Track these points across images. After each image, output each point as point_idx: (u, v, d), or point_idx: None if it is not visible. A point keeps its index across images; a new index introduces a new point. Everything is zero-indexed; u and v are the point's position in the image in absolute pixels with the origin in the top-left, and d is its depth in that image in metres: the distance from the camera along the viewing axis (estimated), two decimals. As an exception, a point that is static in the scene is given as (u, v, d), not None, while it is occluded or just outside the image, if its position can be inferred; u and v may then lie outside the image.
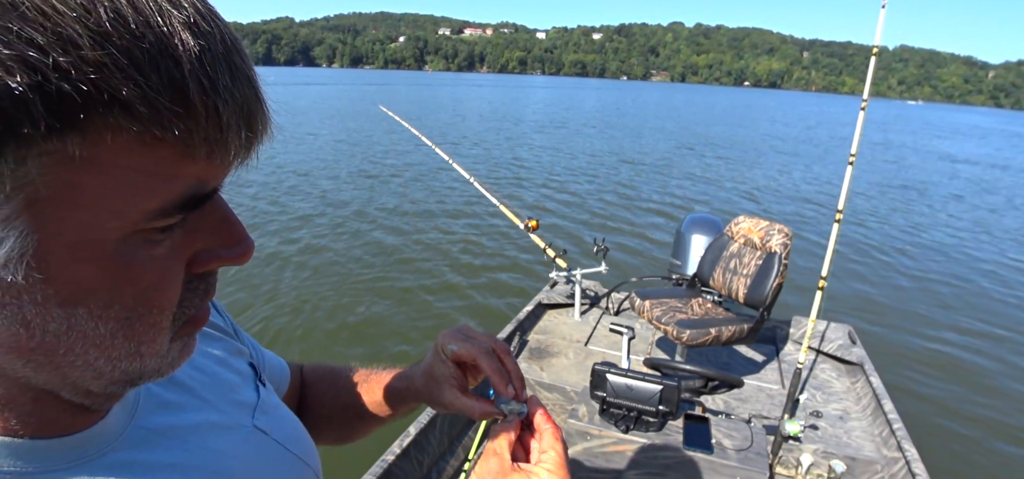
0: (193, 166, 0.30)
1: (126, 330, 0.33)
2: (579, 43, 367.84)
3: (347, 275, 6.26)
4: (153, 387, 0.46)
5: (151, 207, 0.30)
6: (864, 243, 8.56)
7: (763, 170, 15.35)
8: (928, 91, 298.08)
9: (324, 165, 12.89)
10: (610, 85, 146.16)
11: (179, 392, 0.48)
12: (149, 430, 0.43)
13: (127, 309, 0.32)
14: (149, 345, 0.35)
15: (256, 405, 0.55)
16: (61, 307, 0.30)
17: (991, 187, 15.09)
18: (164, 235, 0.32)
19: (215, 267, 0.37)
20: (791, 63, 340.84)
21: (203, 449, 0.46)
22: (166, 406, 0.46)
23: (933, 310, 6.16)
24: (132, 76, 0.26)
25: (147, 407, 0.44)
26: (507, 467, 0.52)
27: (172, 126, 0.28)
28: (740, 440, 1.90)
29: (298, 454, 0.57)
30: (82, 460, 0.37)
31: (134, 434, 0.42)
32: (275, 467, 0.53)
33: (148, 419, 0.44)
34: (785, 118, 41.61)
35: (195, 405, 0.49)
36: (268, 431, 0.54)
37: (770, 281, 2.92)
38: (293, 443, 0.57)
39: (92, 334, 0.32)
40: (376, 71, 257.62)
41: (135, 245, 0.31)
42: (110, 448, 0.39)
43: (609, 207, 10.11)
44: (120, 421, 0.41)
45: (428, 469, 2.55)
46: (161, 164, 0.29)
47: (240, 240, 0.37)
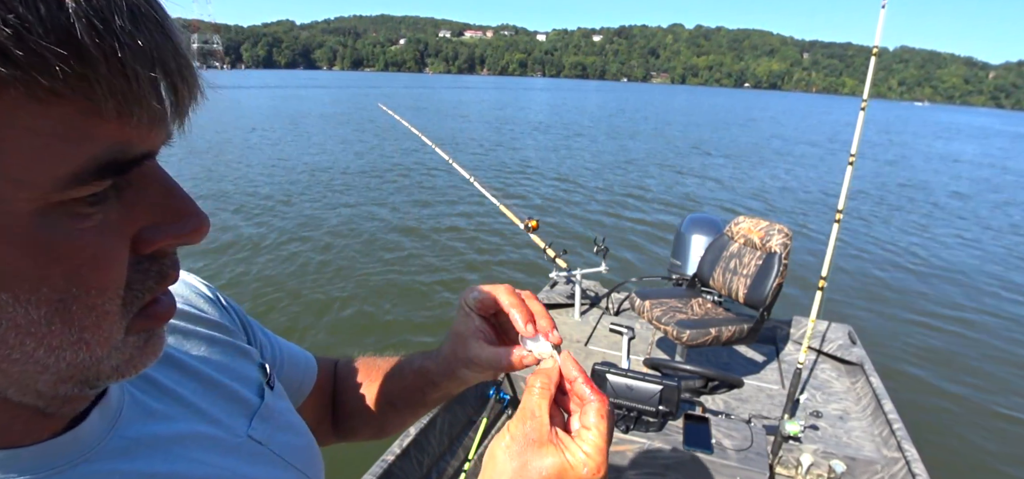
0: (106, 126, 0.27)
1: (62, 315, 0.30)
2: (579, 45, 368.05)
3: (345, 274, 6.28)
4: (138, 395, 0.44)
5: (61, 173, 0.27)
6: (864, 243, 8.56)
7: (763, 170, 15.35)
8: (928, 92, 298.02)
9: (323, 165, 12.90)
10: (610, 87, 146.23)
11: (167, 401, 0.46)
12: (131, 439, 0.41)
13: (59, 291, 0.29)
14: (94, 332, 0.31)
15: (256, 412, 0.53)
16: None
17: (993, 187, 15.08)
18: (93, 208, 0.29)
19: (162, 246, 0.33)
20: (791, 64, 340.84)
21: (187, 460, 0.44)
22: (152, 415, 0.44)
23: (933, 310, 6.16)
24: (15, 20, 0.23)
25: (130, 416, 0.42)
26: (545, 434, 0.46)
27: (64, 76, 0.25)
28: (740, 440, 1.89)
29: (297, 465, 0.55)
30: (52, 470, 0.35)
31: (114, 443, 0.40)
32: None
33: (130, 428, 0.41)
34: (785, 119, 41.59)
35: (183, 414, 0.46)
36: (265, 441, 0.52)
37: (770, 281, 2.92)
38: (292, 454, 0.55)
39: (24, 321, 0.29)
40: (377, 73, 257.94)
41: (57, 219, 0.28)
42: (84, 458, 0.37)
43: (609, 207, 10.11)
44: (99, 430, 0.39)
45: (428, 469, 2.55)
46: (65, 124, 0.26)
47: (186, 214, 0.34)
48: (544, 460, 0.45)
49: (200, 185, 10.39)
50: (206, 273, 6.04)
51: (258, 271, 6.24)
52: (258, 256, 6.70)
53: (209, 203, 9.00)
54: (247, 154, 14.35)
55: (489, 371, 0.59)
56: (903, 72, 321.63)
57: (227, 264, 6.42)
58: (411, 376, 0.69)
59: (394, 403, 0.72)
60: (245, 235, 7.45)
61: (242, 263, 6.47)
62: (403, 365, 0.71)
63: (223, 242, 7.07)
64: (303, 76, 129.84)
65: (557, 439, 0.46)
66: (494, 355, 0.56)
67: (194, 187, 10.18)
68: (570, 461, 0.45)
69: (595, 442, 0.45)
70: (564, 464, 0.44)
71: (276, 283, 5.95)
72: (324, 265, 6.53)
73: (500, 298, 0.57)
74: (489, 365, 0.57)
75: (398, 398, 0.71)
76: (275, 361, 0.66)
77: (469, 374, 0.61)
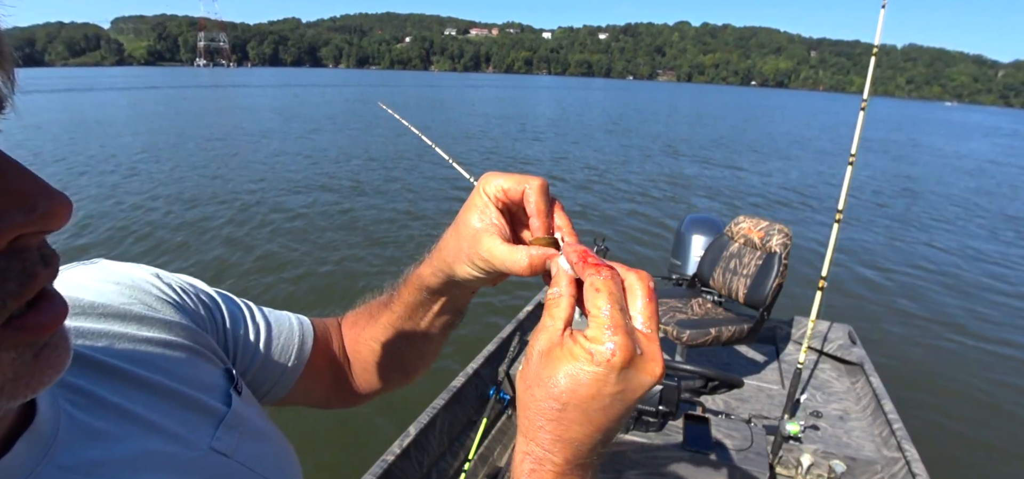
0: None
1: None
2: (585, 43, 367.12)
3: (344, 271, 6.29)
4: (77, 414, 0.39)
5: None
6: (865, 243, 8.53)
7: (764, 169, 15.29)
8: (937, 90, 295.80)
9: (323, 164, 12.94)
10: (616, 85, 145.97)
11: (113, 418, 0.41)
12: (68, 469, 0.36)
13: None
14: None
15: (222, 420, 0.49)
16: None
17: (996, 187, 14.99)
18: None
19: (12, 236, 0.27)
20: (798, 62, 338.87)
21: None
22: (95, 436, 0.39)
23: (933, 310, 6.14)
24: None
25: (67, 441, 0.37)
26: (555, 340, 0.38)
27: None
28: (740, 440, 1.89)
29: (267, 476, 0.51)
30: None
31: (48, 475, 0.35)
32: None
33: (68, 455, 0.37)
34: (789, 117, 41.38)
35: (133, 432, 0.42)
36: (230, 452, 0.48)
37: (770, 281, 2.92)
38: (261, 463, 0.51)
39: None
40: (382, 71, 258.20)
41: None
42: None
43: (609, 206, 10.11)
44: (28, 461, 0.34)
45: (428, 469, 2.55)
46: None
47: (32, 195, 0.28)
48: (555, 372, 0.37)
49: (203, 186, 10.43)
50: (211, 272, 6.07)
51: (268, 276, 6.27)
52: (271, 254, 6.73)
53: (213, 206, 9.05)
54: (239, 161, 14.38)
55: (495, 276, 0.50)
56: (911, 70, 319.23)
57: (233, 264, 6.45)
58: (407, 293, 0.61)
59: (406, 335, 0.65)
60: (267, 248, 7.48)
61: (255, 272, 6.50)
62: (399, 285, 0.64)
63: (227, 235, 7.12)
64: (308, 74, 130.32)
65: (572, 339, 0.38)
66: (510, 254, 0.46)
67: (197, 187, 10.24)
68: (576, 358, 0.36)
69: (599, 321, 0.36)
70: (575, 369, 0.36)
71: (277, 285, 5.98)
72: (304, 262, 6.55)
73: (532, 196, 0.47)
74: (503, 265, 0.47)
75: (406, 328, 0.64)
76: (259, 334, 0.62)
77: (471, 275, 0.51)
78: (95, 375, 0.43)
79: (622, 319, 0.37)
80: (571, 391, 0.36)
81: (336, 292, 5.79)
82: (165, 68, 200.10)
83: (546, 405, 0.37)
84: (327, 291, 5.84)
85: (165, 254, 6.69)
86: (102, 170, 11.31)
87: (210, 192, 9.72)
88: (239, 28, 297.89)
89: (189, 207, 8.73)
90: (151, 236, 7.29)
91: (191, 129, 19.11)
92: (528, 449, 0.39)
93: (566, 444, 0.38)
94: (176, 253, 6.75)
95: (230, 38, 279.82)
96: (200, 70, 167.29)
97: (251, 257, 6.64)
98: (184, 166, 12.10)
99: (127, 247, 6.82)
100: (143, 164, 12.16)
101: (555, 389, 0.37)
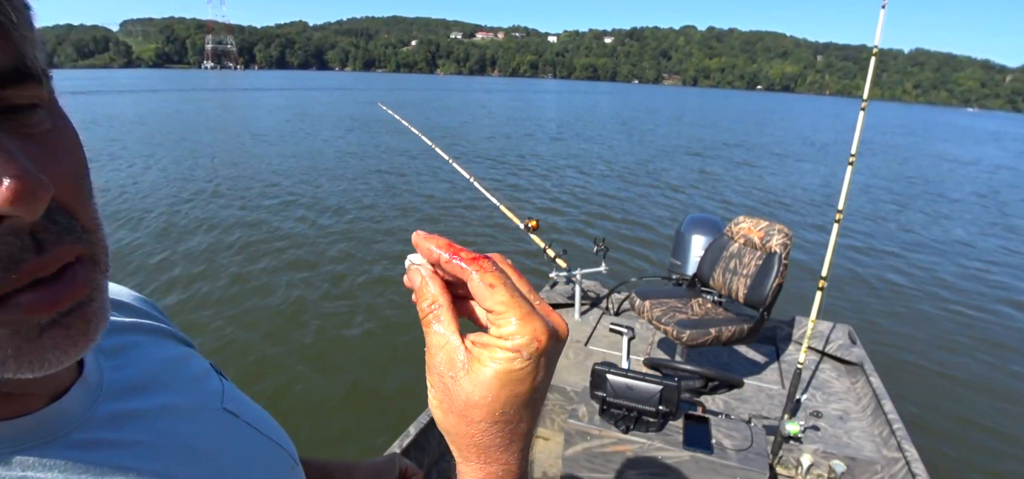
0: None
1: None
2: (590, 47, 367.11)
3: (345, 270, 6.32)
4: (117, 373, 0.45)
5: None
6: (865, 243, 8.52)
7: (765, 171, 15.28)
8: (944, 95, 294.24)
9: (323, 164, 12.99)
10: (621, 89, 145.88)
11: (143, 377, 0.48)
12: (115, 412, 0.42)
13: None
14: None
15: (222, 392, 0.55)
16: None
17: (999, 190, 14.91)
18: None
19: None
20: (804, 67, 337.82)
21: (172, 431, 0.46)
22: (132, 390, 0.45)
23: (933, 310, 6.13)
24: None
25: (110, 392, 0.43)
26: (459, 353, 0.36)
27: None
28: (740, 440, 1.89)
29: (272, 437, 0.56)
30: (45, 440, 0.36)
31: (100, 415, 0.41)
32: (248, 447, 0.52)
33: (113, 403, 0.43)
34: (793, 121, 41.26)
35: (161, 390, 0.48)
36: (238, 414, 0.54)
37: (770, 281, 2.91)
38: (265, 426, 0.56)
39: None
40: (388, 74, 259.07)
41: None
42: (71, 429, 0.38)
43: (609, 207, 10.12)
44: (82, 404, 0.40)
45: (428, 469, 2.56)
46: None
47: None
48: (485, 385, 0.35)
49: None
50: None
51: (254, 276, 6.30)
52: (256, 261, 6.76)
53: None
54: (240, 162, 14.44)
55: None
56: (918, 74, 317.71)
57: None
58: None
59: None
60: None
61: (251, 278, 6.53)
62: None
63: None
64: (315, 77, 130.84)
65: (479, 349, 0.36)
66: None
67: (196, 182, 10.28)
68: (502, 362, 0.34)
69: (509, 314, 0.34)
70: (506, 372, 0.34)
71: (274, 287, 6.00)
72: (304, 261, 6.58)
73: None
74: None
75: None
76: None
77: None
78: (124, 349, 0.50)
79: (525, 302, 0.35)
80: (511, 395, 0.35)
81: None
82: (173, 70, 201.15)
83: (488, 423, 0.36)
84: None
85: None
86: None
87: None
88: (246, 31, 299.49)
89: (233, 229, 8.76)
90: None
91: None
92: (486, 473, 0.38)
93: (517, 443, 0.37)
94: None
95: (237, 41, 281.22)
96: (208, 73, 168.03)
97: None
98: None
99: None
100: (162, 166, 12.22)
101: (495, 403, 0.35)
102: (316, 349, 4.69)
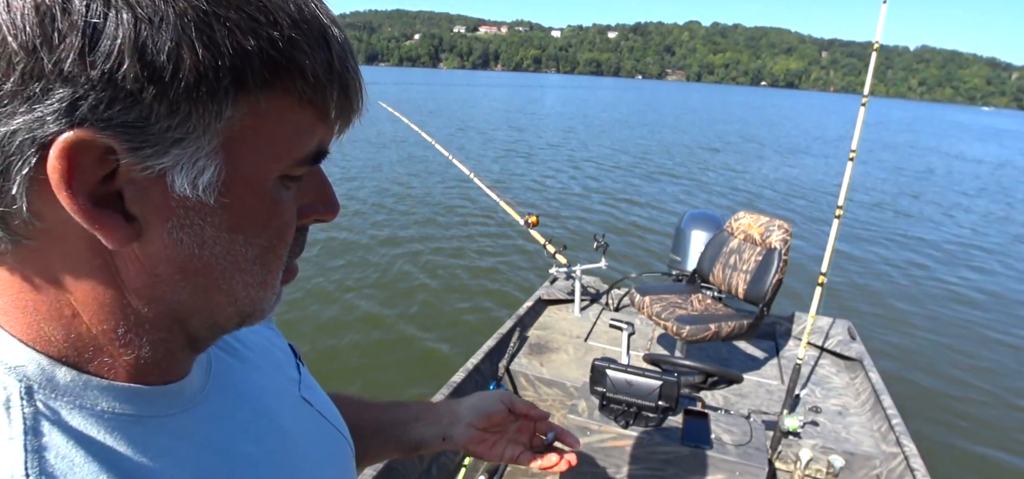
0: (323, 128, 0.38)
1: (262, 259, 0.39)
2: (594, 42, 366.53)
3: (342, 269, 6.33)
4: (222, 355, 0.50)
5: (297, 155, 0.37)
6: (865, 239, 8.52)
7: (766, 167, 15.26)
8: (949, 92, 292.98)
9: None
10: (624, 84, 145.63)
11: (240, 359, 0.52)
12: (224, 389, 0.47)
13: (268, 239, 0.38)
14: (272, 276, 0.40)
15: (299, 381, 0.59)
16: (229, 231, 0.36)
17: (997, 186, 14.88)
18: (293, 183, 0.39)
19: (313, 220, 0.43)
20: (809, 63, 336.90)
21: (268, 412, 0.50)
22: (235, 370, 0.50)
23: (933, 307, 6.14)
24: (309, 53, 0.34)
25: (218, 371, 0.48)
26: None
27: (323, 93, 0.36)
28: (739, 435, 1.90)
29: (336, 426, 0.61)
30: (180, 409, 0.41)
31: (212, 393, 0.45)
32: (320, 434, 0.57)
33: (222, 380, 0.48)
34: (796, 117, 41.17)
35: (255, 372, 0.53)
36: (312, 402, 0.58)
37: (770, 277, 2.91)
38: (332, 416, 0.61)
39: (242, 259, 0.37)
40: (391, 68, 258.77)
41: (279, 186, 0.38)
42: (195, 402, 0.43)
43: (609, 203, 10.12)
44: (200, 378, 0.45)
45: (428, 464, 2.57)
46: (307, 123, 0.36)
47: (332, 199, 0.44)
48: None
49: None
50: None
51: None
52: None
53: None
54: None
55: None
56: (924, 72, 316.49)
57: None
58: (387, 416, 0.78)
59: (368, 445, 0.77)
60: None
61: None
62: (374, 408, 0.79)
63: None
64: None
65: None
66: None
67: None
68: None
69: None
70: None
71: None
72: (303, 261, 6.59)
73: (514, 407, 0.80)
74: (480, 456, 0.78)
75: (374, 439, 0.77)
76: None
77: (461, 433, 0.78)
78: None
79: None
80: None
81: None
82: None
83: None
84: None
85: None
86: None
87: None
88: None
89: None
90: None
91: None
92: None
93: None
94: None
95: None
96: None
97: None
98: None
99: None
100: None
101: None
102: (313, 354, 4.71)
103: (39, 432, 0.32)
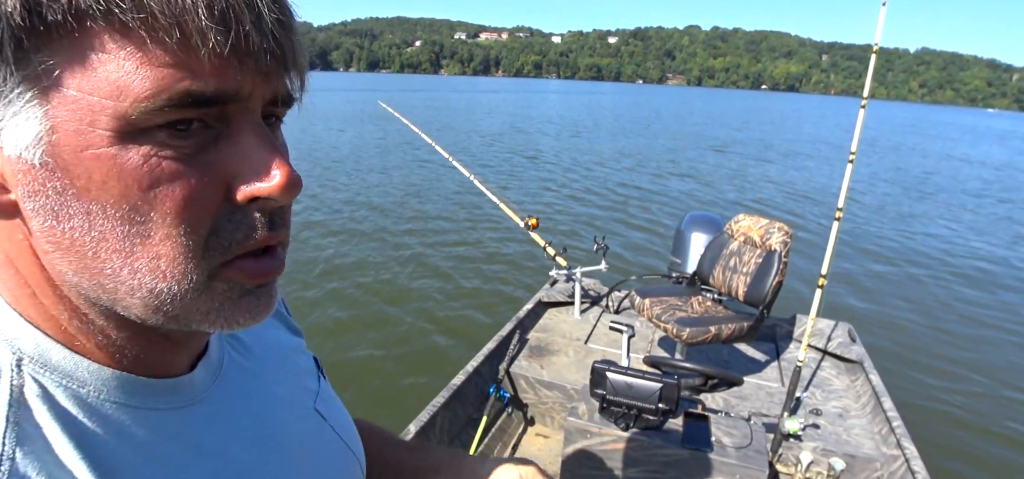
0: (193, 62, 0.30)
1: (142, 237, 0.32)
2: (594, 47, 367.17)
3: (343, 272, 6.33)
4: (236, 357, 0.49)
5: (136, 98, 0.30)
6: (865, 241, 8.50)
7: (766, 169, 15.26)
8: (950, 94, 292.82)
9: (324, 164, 13.03)
10: (625, 89, 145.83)
11: (255, 363, 0.51)
12: (232, 391, 0.46)
13: (139, 212, 0.32)
14: (169, 263, 0.33)
15: (317, 393, 0.58)
16: (78, 200, 0.31)
17: (998, 186, 14.87)
18: (179, 141, 0.32)
19: (249, 197, 0.34)
20: (809, 66, 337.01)
21: (277, 419, 0.49)
22: (247, 374, 0.49)
23: (934, 309, 6.11)
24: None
25: (229, 372, 0.47)
26: None
27: (162, 17, 0.29)
28: (740, 438, 1.89)
29: (349, 444, 0.59)
30: (171, 406, 0.40)
31: (219, 393, 0.45)
32: (327, 450, 0.55)
33: (232, 382, 0.47)
34: (795, 121, 41.17)
35: (269, 379, 0.52)
36: (326, 417, 0.57)
37: (770, 279, 2.91)
38: (346, 433, 0.59)
39: (111, 235, 0.32)
40: (393, 75, 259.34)
41: (141, 143, 0.31)
42: (194, 402, 0.42)
43: (609, 205, 10.12)
44: (203, 381, 0.44)
45: None
46: (144, 58, 0.29)
47: (269, 167, 0.34)
48: None
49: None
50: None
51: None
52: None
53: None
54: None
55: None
56: (924, 74, 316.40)
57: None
58: (425, 462, 0.70)
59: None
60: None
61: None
62: (417, 452, 0.72)
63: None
64: (322, 78, 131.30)
65: None
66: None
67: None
68: None
69: None
70: None
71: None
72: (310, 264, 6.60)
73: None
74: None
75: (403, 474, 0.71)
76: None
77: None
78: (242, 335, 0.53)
79: None
80: None
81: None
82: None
83: None
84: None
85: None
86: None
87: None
88: None
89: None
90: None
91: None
92: None
93: None
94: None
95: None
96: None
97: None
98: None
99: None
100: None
101: None
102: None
103: (24, 405, 0.33)
